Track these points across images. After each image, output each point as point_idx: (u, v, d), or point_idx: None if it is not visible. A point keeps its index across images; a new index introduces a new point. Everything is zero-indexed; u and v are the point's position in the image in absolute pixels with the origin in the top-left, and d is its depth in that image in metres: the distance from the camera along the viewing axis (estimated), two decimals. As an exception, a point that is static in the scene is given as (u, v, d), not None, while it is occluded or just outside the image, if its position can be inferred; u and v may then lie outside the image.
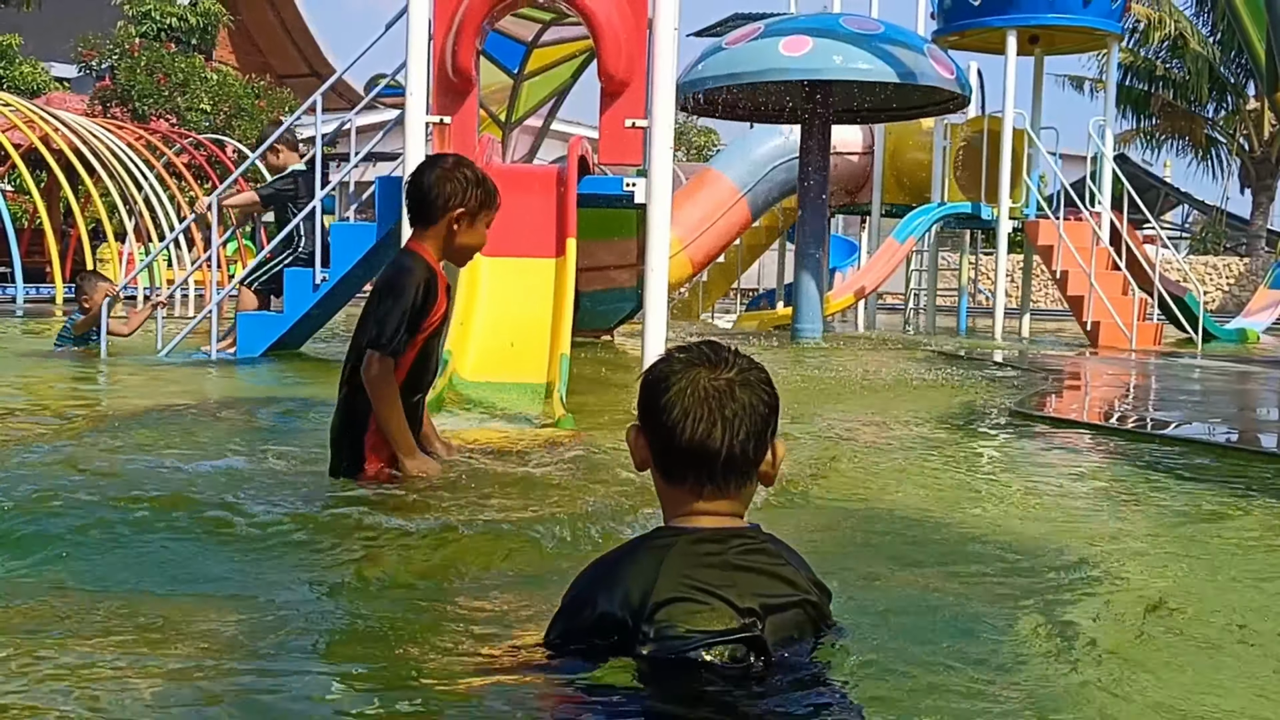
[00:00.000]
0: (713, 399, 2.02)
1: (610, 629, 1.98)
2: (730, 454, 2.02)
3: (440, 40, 8.38)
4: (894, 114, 14.96)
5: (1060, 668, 2.39)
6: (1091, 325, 14.51)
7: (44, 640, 2.33)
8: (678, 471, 2.07)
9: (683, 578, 1.97)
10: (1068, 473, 4.98)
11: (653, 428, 2.07)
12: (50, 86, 24.39)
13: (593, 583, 2.06)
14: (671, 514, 2.10)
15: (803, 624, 2.04)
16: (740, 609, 1.95)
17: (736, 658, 1.93)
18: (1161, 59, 30.68)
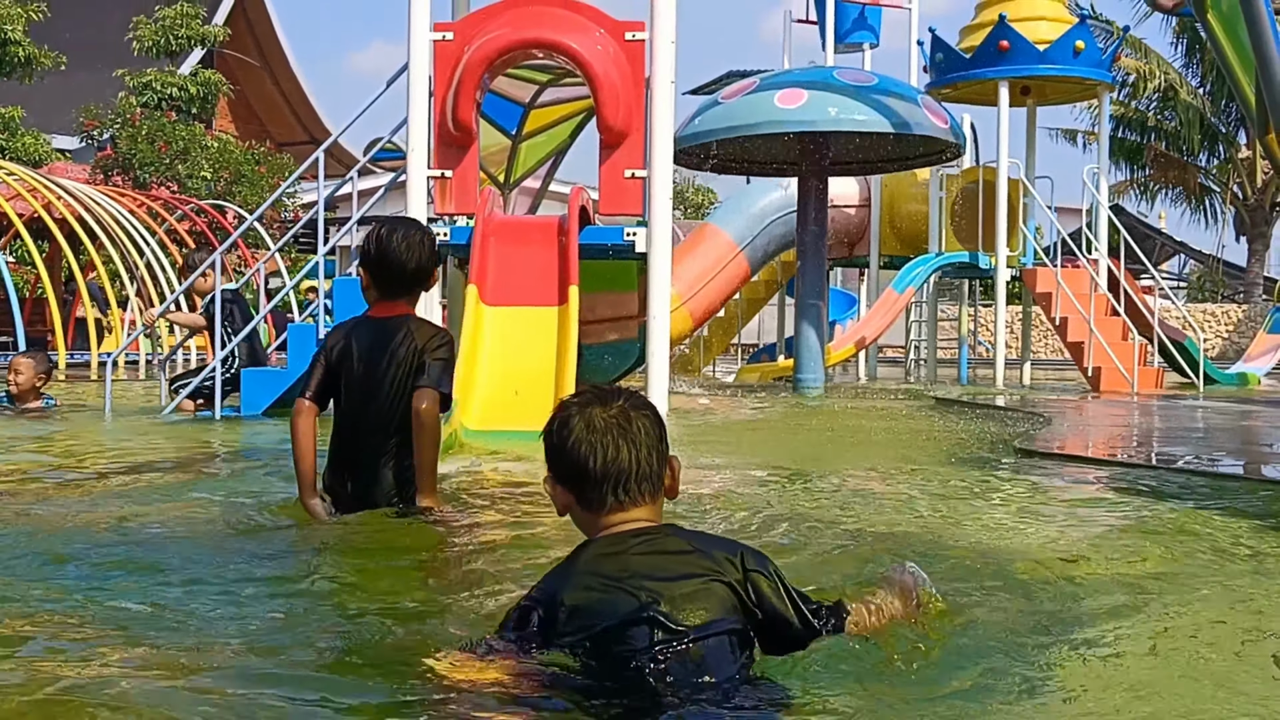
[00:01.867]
0: (614, 427, 2.30)
1: (540, 631, 2.21)
2: (639, 468, 2.30)
3: (440, 95, 8.49)
4: (889, 165, 15.09)
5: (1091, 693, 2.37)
6: (1093, 371, 14.53)
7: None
8: (597, 498, 2.31)
9: (587, 575, 2.22)
10: (1078, 504, 4.97)
11: (566, 468, 2.32)
12: (52, 157, 24.60)
13: (531, 594, 2.29)
14: (593, 534, 2.33)
15: (716, 596, 2.20)
16: (638, 594, 2.16)
17: (655, 640, 2.12)
18: (1153, 110, 30.98)
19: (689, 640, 2.13)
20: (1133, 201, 33.86)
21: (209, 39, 28.47)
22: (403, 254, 3.96)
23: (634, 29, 8.59)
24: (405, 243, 3.97)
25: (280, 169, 25.15)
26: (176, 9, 27.60)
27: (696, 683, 2.10)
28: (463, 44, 8.52)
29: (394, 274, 3.98)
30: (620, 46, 8.58)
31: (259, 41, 38.03)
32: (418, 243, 4.01)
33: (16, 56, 24.20)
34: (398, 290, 4.01)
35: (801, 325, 13.66)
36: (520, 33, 8.34)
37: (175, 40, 27.35)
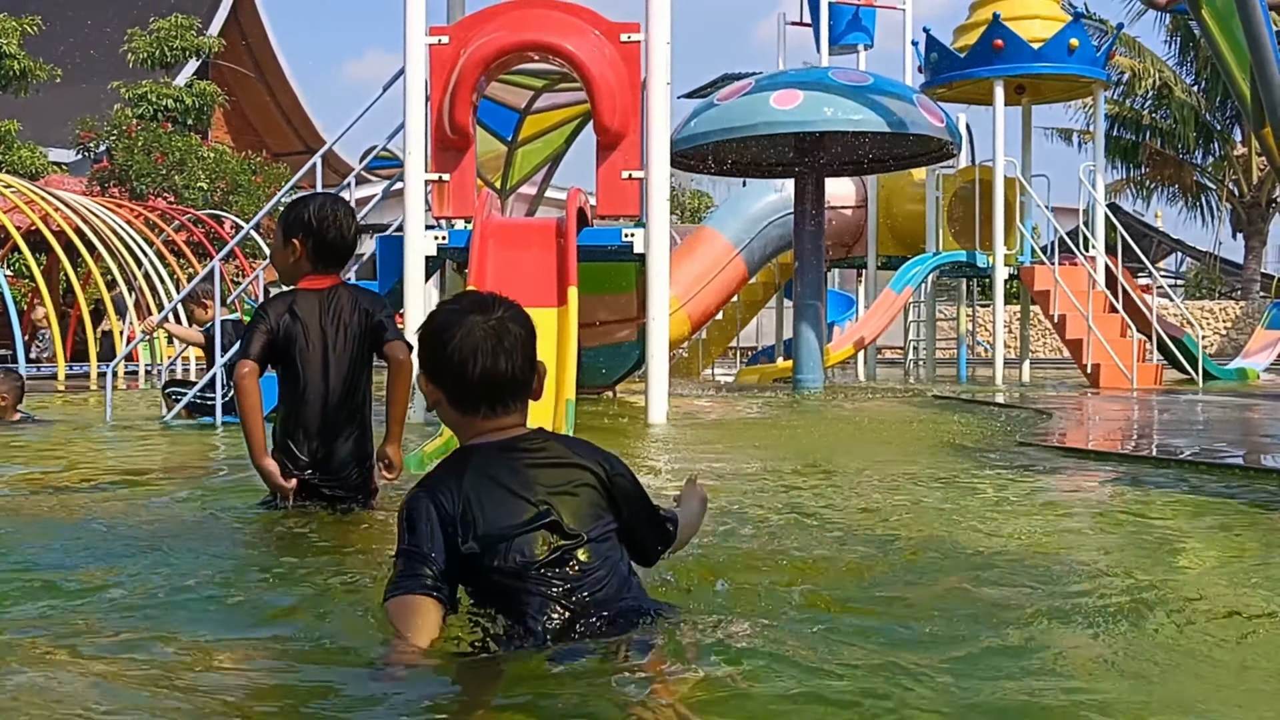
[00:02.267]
0: (492, 336, 2.39)
1: (440, 530, 2.30)
2: (514, 377, 2.40)
3: (437, 99, 8.50)
4: (886, 165, 15.11)
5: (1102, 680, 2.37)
6: (1092, 367, 14.54)
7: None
8: (472, 402, 2.41)
9: (479, 484, 2.33)
10: (1079, 494, 4.97)
11: (443, 372, 2.41)
12: (48, 170, 24.60)
13: (416, 505, 2.35)
14: (467, 438, 2.43)
15: (594, 501, 2.38)
16: (534, 501, 2.31)
17: (555, 545, 2.29)
18: (1148, 108, 31.03)
19: (585, 544, 2.32)
20: (1129, 200, 33.91)
21: (204, 50, 28.46)
22: (344, 227, 4.12)
23: (629, 30, 8.62)
24: (347, 216, 4.15)
25: (277, 179, 25.14)
26: (171, 20, 27.59)
27: (597, 581, 2.30)
28: (459, 48, 8.54)
29: (336, 246, 4.11)
30: (616, 48, 8.61)
31: (254, 52, 38.03)
32: (351, 216, 4.19)
33: (11, 70, 24.21)
34: (335, 262, 4.14)
35: (800, 326, 13.67)
36: (516, 35, 8.35)
37: (170, 52, 27.33)
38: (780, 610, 2.75)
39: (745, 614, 2.65)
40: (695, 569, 3.15)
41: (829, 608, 2.81)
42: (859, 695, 2.11)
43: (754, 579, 3.12)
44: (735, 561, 3.36)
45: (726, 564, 3.32)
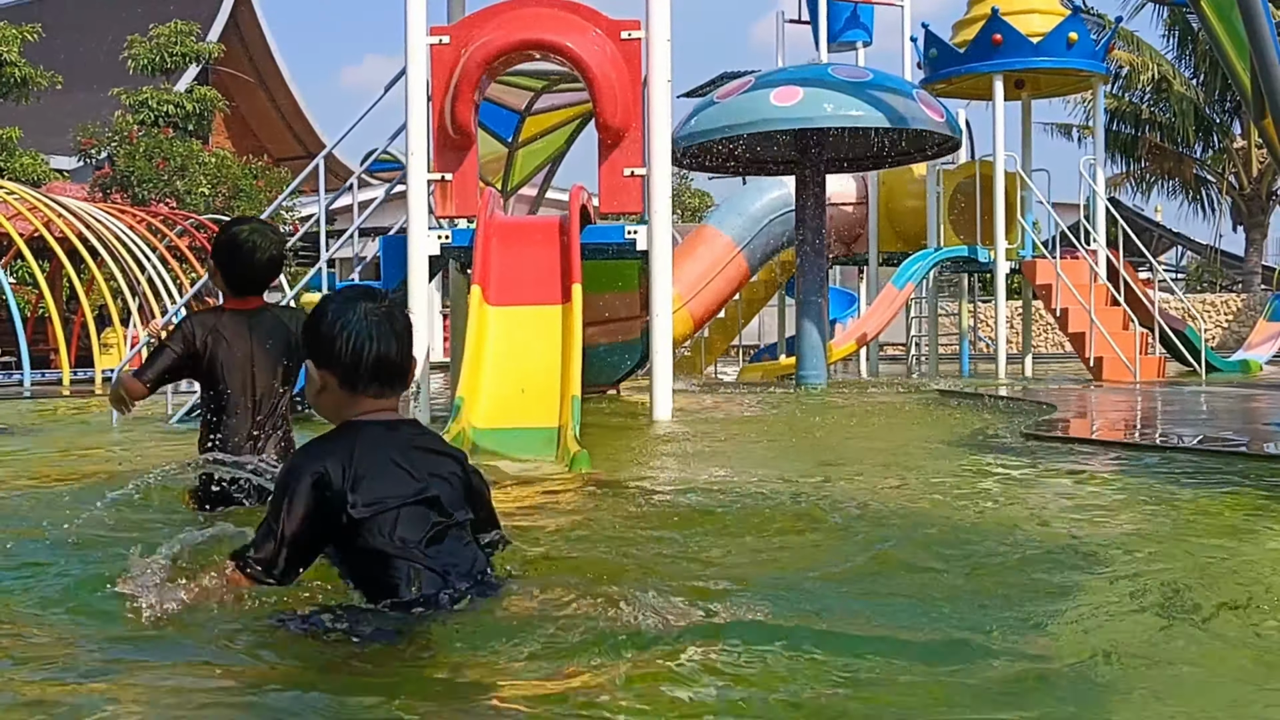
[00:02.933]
0: (383, 322, 2.55)
1: (319, 504, 2.45)
2: (401, 362, 2.58)
3: (439, 99, 8.53)
4: (886, 162, 15.12)
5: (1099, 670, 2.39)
6: (1095, 361, 14.54)
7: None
8: (363, 384, 2.56)
9: (370, 456, 2.49)
10: (1081, 482, 4.99)
11: (334, 357, 2.54)
12: (50, 177, 24.64)
13: (299, 469, 2.51)
14: (350, 415, 2.58)
15: (460, 490, 2.59)
16: (418, 478, 2.51)
17: (433, 521, 2.47)
18: (1146, 102, 31.01)
19: (456, 524, 2.53)
20: (1128, 194, 33.88)
21: (204, 56, 28.55)
22: (255, 258, 4.13)
23: (629, 28, 8.63)
24: (265, 244, 4.15)
25: (278, 182, 25.19)
26: (171, 27, 27.67)
27: (464, 560, 2.50)
28: (459, 47, 8.56)
29: (245, 276, 4.16)
30: (616, 46, 8.62)
31: (253, 57, 38.09)
32: (272, 243, 4.19)
33: (13, 77, 24.26)
34: (251, 289, 4.21)
35: (803, 323, 13.67)
36: (517, 34, 8.38)
37: (170, 58, 27.42)
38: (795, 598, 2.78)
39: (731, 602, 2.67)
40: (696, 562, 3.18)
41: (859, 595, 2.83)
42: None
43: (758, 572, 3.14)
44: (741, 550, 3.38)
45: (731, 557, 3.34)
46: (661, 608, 2.48)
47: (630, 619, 2.42)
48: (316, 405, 2.64)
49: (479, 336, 7.29)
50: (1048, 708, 2.04)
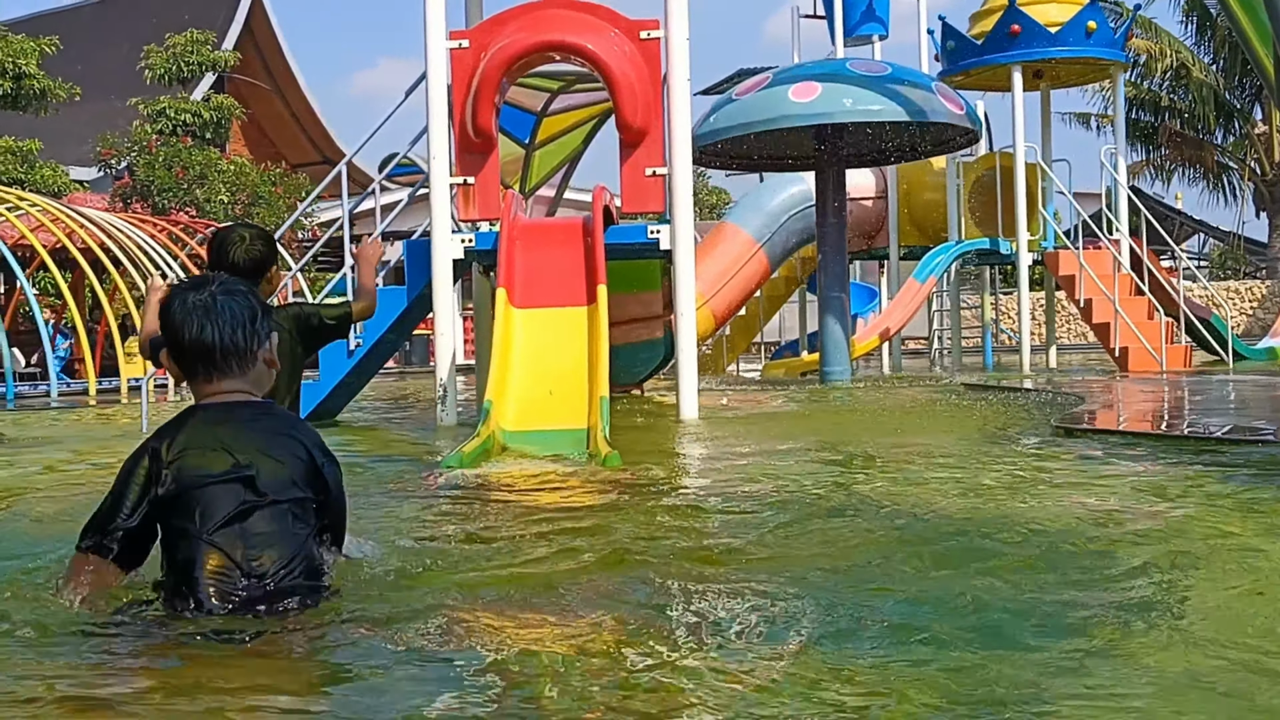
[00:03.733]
0: (200, 309, 2.67)
1: (147, 480, 2.58)
2: (224, 344, 2.67)
3: (460, 103, 8.53)
4: (905, 155, 15.07)
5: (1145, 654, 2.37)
6: (1120, 351, 14.45)
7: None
8: (190, 366, 2.70)
9: (195, 434, 2.61)
10: (1116, 476, 4.95)
11: (169, 341, 2.71)
12: (70, 188, 24.78)
13: (137, 450, 2.65)
14: (198, 397, 2.72)
15: (298, 473, 2.63)
16: (237, 457, 2.57)
17: (243, 500, 2.54)
18: (1166, 90, 30.83)
19: (268, 504, 2.56)
20: (1148, 182, 33.68)
21: (220, 64, 28.65)
22: (231, 248, 4.19)
23: (648, 27, 8.62)
24: (238, 238, 4.22)
25: (297, 189, 25.28)
26: (186, 36, 27.77)
27: (269, 542, 2.54)
28: (479, 51, 8.56)
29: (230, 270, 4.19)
30: (635, 46, 8.62)
31: (268, 64, 38.19)
32: (250, 237, 4.27)
33: (32, 89, 24.39)
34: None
35: (825, 318, 13.64)
36: (536, 36, 8.37)
37: (186, 67, 27.52)
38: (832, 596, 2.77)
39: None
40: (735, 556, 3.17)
41: (893, 591, 2.82)
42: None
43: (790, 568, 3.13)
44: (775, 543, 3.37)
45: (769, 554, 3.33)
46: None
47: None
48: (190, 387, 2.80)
49: (505, 339, 7.29)
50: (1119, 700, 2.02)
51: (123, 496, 2.61)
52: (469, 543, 3.62)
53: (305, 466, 2.65)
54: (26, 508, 4.80)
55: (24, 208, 16.71)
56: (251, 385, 2.74)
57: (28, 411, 12.86)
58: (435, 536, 3.76)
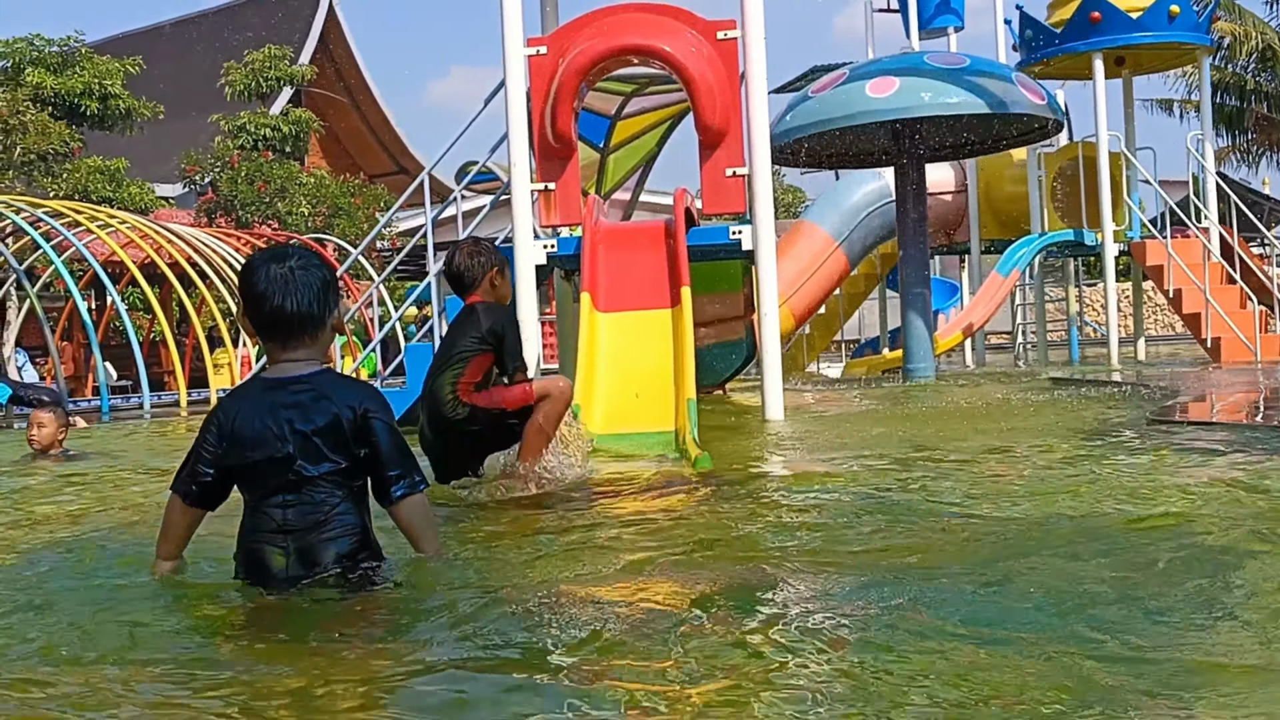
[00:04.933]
0: (279, 281, 2.86)
1: (213, 444, 2.89)
2: (301, 315, 2.87)
3: (539, 109, 8.57)
4: (985, 148, 14.87)
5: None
6: (1212, 341, 14.14)
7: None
8: (266, 332, 2.91)
9: (251, 406, 2.88)
10: (1217, 471, 4.83)
11: (249, 307, 2.90)
12: (156, 205, 25.33)
13: (208, 417, 2.95)
14: (270, 362, 2.94)
15: (333, 441, 2.83)
16: (279, 434, 2.81)
17: (286, 478, 2.80)
18: (1251, 72, 30.08)
19: (306, 478, 2.80)
20: (1235, 168, 32.88)
21: (297, 79, 29.10)
22: (446, 264, 4.77)
23: (725, 28, 8.59)
24: (450, 255, 4.83)
25: (375, 199, 25.58)
26: (264, 52, 28.27)
27: (306, 514, 2.81)
28: (557, 56, 8.59)
29: (449, 279, 4.78)
30: (713, 46, 8.59)
31: (344, 77, 38.70)
32: (455, 253, 4.96)
33: (117, 109, 24.97)
34: (460, 291, 4.91)
35: (908, 315, 13.51)
36: (614, 40, 8.38)
37: (265, 82, 28.00)
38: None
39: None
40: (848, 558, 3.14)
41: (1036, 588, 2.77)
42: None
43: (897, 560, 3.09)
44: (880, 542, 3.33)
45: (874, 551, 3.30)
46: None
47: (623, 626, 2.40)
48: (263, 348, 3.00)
49: (591, 343, 7.31)
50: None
51: (194, 455, 2.93)
52: (560, 535, 3.63)
53: (342, 432, 2.82)
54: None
55: (114, 224, 17.11)
56: (319, 351, 2.95)
57: (122, 424, 13.16)
58: (524, 532, 3.77)
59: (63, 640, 2.63)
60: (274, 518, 2.82)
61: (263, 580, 2.82)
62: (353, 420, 2.83)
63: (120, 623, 2.72)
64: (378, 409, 2.88)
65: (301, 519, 2.81)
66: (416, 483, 2.94)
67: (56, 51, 24.91)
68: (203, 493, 2.93)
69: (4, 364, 18.23)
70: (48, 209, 16.79)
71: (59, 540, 4.14)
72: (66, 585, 3.26)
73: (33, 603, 3.02)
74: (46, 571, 3.49)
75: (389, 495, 2.91)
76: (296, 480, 2.81)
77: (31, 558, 3.76)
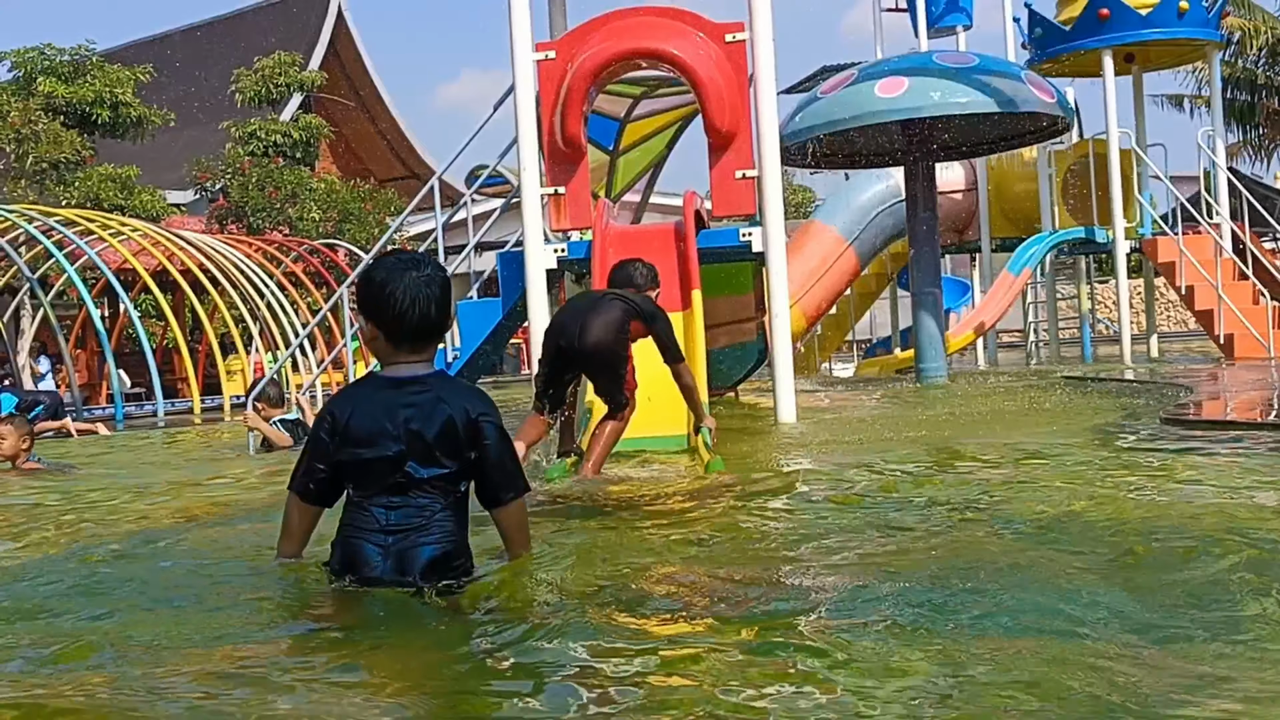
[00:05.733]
0: (424, 289, 2.89)
1: (327, 440, 2.92)
2: (441, 323, 2.96)
3: (548, 113, 8.59)
4: (995, 147, 14.84)
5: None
6: (1225, 338, 14.09)
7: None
8: (404, 340, 2.92)
9: (366, 405, 2.91)
10: (1234, 470, 4.82)
11: (383, 316, 2.91)
12: (168, 212, 25.40)
13: (321, 414, 3.00)
14: (384, 363, 2.96)
15: (445, 445, 2.86)
16: (393, 433, 2.85)
17: (397, 477, 2.84)
18: (1262, 67, 29.96)
19: (414, 481, 2.84)
20: (1248, 163, 32.74)
21: (307, 85, 29.14)
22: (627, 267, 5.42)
23: (733, 30, 8.60)
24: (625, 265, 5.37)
25: (385, 204, 25.63)
26: (274, 59, 28.30)
27: (411, 517, 2.85)
28: (565, 61, 8.61)
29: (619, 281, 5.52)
30: (721, 49, 8.60)
31: (353, 82, 38.78)
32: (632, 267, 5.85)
33: (129, 118, 25.05)
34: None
35: (919, 315, 13.48)
36: (622, 44, 8.40)
37: (275, 89, 28.03)
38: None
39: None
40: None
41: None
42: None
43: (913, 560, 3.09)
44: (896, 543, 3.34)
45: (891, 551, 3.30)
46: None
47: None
48: (370, 349, 3.01)
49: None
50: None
51: (310, 452, 2.98)
52: (574, 541, 3.64)
53: (455, 436, 2.86)
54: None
55: (126, 232, 17.17)
56: (432, 354, 3.01)
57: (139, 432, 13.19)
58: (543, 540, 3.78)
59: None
60: (377, 517, 2.86)
61: (357, 573, 2.86)
62: (466, 423, 2.87)
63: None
64: (490, 413, 2.94)
65: (404, 520, 2.86)
66: (522, 488, 3.00)
67: (68, 61, 24.98)
68: (319, 490, 2.98)
69: (19, 372, 18.30)
70: (60, 217, 16.85)
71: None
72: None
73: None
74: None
75: (498, 499, 2.97)
76: (405, 482, 2.85)
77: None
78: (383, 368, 2.98)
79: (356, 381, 3.08)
